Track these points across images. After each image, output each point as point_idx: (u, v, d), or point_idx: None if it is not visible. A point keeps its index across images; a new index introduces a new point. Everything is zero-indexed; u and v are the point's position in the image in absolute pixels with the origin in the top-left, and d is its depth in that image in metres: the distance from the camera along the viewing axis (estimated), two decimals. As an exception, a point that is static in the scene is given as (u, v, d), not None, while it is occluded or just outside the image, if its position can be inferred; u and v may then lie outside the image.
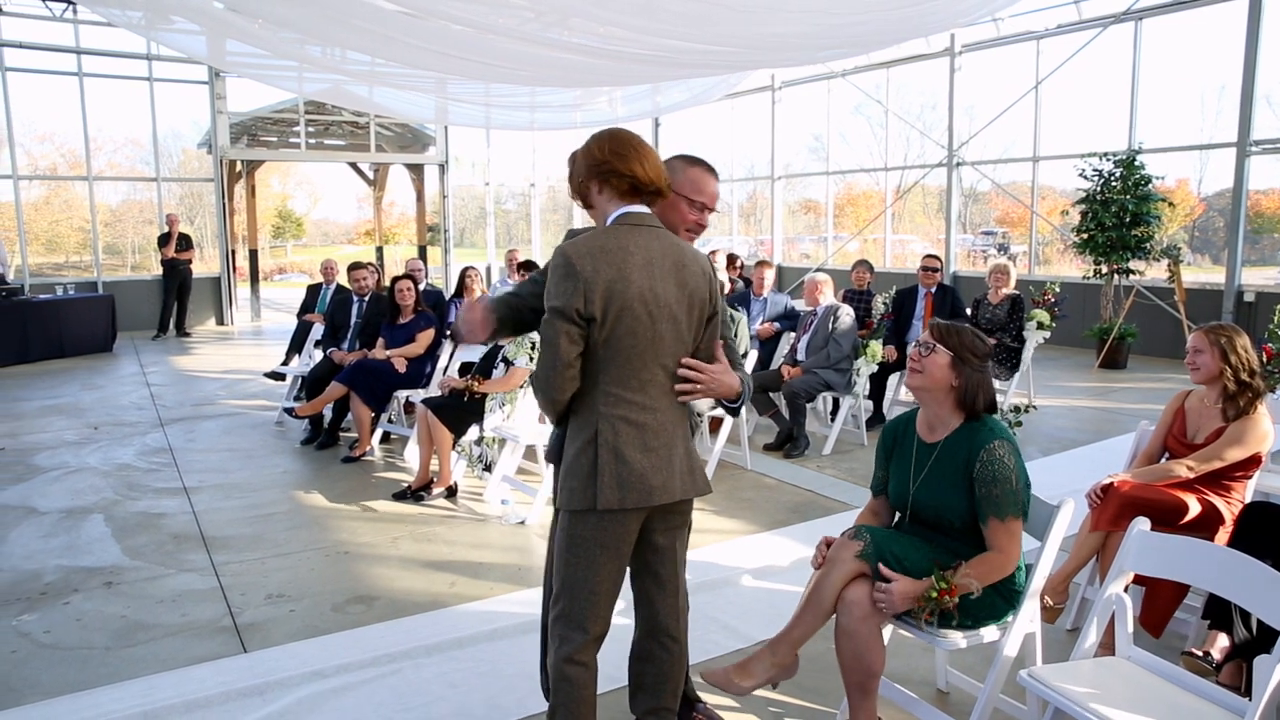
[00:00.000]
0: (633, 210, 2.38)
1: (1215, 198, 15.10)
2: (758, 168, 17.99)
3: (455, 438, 5.55)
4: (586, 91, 12.42)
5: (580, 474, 2.34)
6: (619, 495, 2.31)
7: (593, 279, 2.24)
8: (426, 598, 4.07)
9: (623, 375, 2.32)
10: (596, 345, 2.30)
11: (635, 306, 2.27)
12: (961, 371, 2.73)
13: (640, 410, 2.35)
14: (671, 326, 2.35)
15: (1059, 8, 12.30)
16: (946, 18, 8.39)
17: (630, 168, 2.35)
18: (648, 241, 2.34)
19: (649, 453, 2.36)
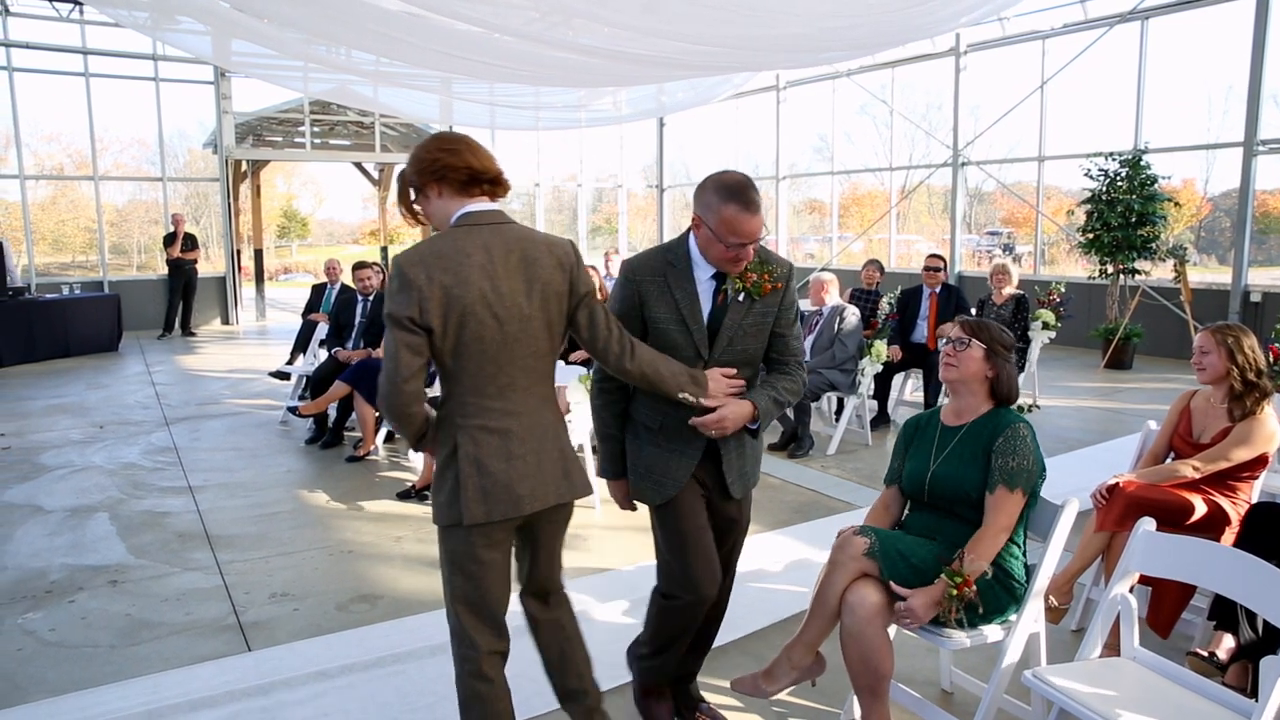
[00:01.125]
0: (473, 209, 2.31)
1: (1222, 198, 15.06)
2: (762, 167, 17.97)
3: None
4: (591, 91, 12.43)
5: (445, 489, 2.28)
6: (484, 508, 2.25)
7: (427, 287, 2.16)
8: (430, 597, 4.06)
9: (477, 383, 2.25)
10: (444, 355, 2.23)
11: (478, 311, 2.20)
12: (995, 363, 2.85)
13: (501, 417, 2.28)
14: (523, 326, 2.28)
15: (1065, 7, 12.28)
16: (951, 17, 8.37)
17: (463, 160, 2.31)
18: (489, 240, 2.26)
19: (513, 460, 2.28)
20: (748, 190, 2.50)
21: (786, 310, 2.72)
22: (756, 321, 2.66)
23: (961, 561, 2.64)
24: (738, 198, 2.47)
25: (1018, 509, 2.72)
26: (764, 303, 2.65)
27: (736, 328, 2.64)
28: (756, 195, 2.51)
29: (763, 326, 2.68)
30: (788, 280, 2.70)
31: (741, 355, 2.68)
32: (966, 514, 2.78)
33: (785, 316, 2.72)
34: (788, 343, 2.76)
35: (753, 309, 2.64)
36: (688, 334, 2.63)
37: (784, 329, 2.73)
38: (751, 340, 2.68)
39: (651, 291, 2.64)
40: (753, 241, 2.51)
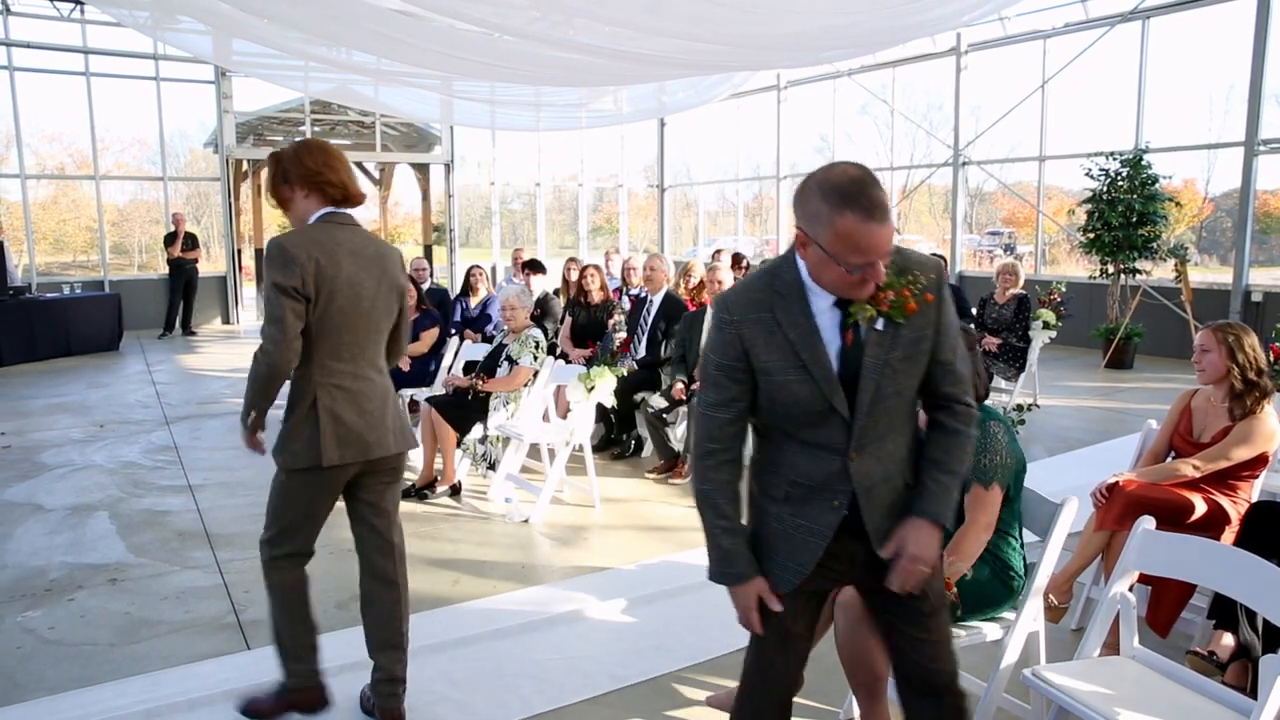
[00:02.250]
0: (334, 211, 2.77)
1: (1223, 198, 15.04)
2: (763, 167, 17.97)
3: (459, 436, 5.55)
4: (592, 91, 12.43)
5: (303, 436, 2.70)
6: (339, 452, 2.72)
7: (308, 264, 2.60)
8: (430, 596, 4.06)
9: (335, 349, 2.70)
10: (311, 324, 2.65)
11: (344, 289, 2.67)
12: None
13: (352, 379, 2.74)
14: (373, 305, 2.77)
15: (1065, 6, 12.27)
16: (952, 15, 8.36)
17: (340, 178, 2.77)
18: (350, 236, 2.74)
19: (364, 414, 2.76)
20: (867, 188, 1.84)
21: (946, 329, 2.03)
22: (908, 352, 1.99)
23: (941, 563, 2.61)
24: (855, 202, 1.83)
25: (996, 504, 2.71)
26: (913, 325, 1.97)
27: (883, 368, 1.97)
28: (880, 193, 1.85)
29: (917, 357, 2.01)
30: (939, 286, 2.01)
31: (895, 406, 2.03)
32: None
33: (946, 338, 2.03)
34: (953, 373, 2.06)
35: (899, 336, 1.96)
36: (813, 385, 1.98)
37: (946, 354, 2.04)
38: (905, 379, 2.02)
39: (756, 334, 1.99)
40: (883, 258, 1.89)
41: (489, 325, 8.02)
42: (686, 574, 4.30)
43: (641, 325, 6.87)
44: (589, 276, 7.34)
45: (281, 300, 2.60)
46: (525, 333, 5.77)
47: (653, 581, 4.22)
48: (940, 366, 2.05)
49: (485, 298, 8.31)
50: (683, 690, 3.28)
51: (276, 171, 2.79)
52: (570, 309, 7.54)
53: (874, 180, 1.87)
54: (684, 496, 5.69)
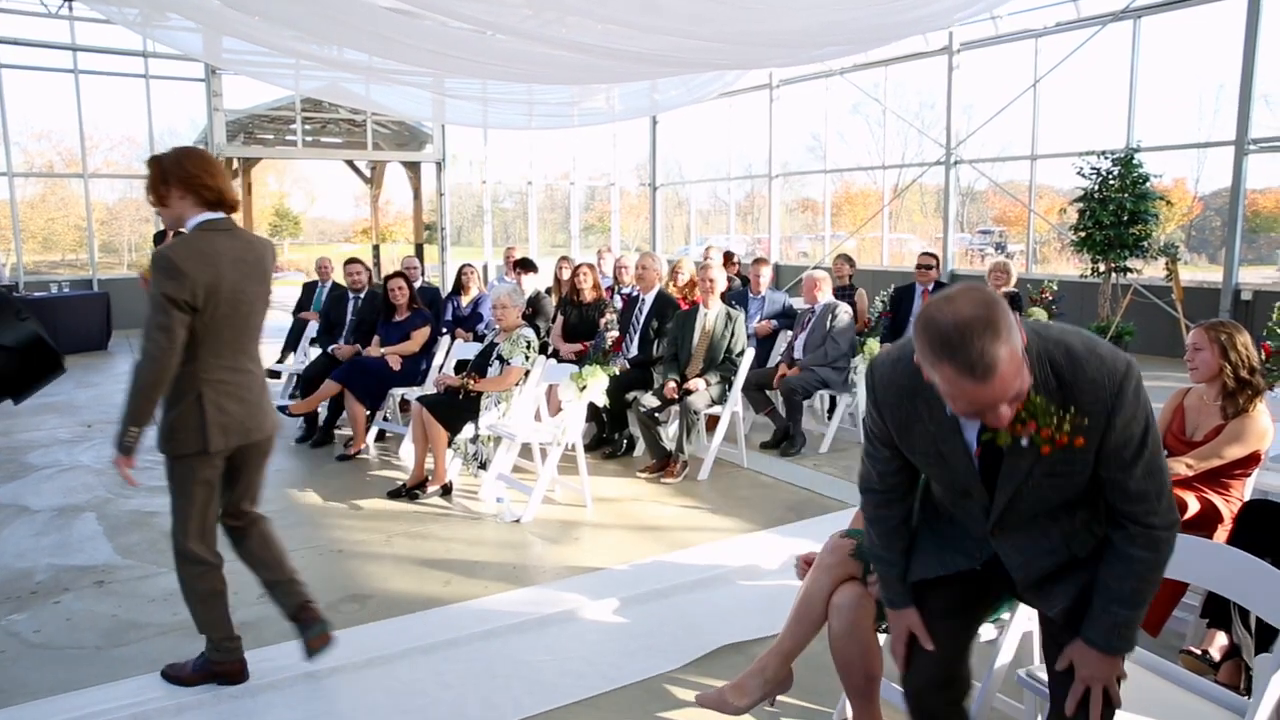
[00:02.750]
0: (212, 217, 2.95)
1: (1212, 197, 15.07)
2: (755, 166, 17.96)
3: (450, 436, 5.52)
4: (584, 89, 12.39)
5: (189, 425, 2.94)
6: (224, 439, 2.98)
7: (197, 276, 2.80)
8: (421, 597, 4.04)
9: (217, 349, 2.93)
10: (200, 328, 2.87)
11: (228, 297, 2.89)
12: None
13: (232, 373, 3.00)
14: (252, 307, 3.02)
15: (1057, 6, 12.29)
16: (944, 13, 8.36)
17: (217, 183, 2.95)
18: (232, 244, 2.95)
19: (244, 403, 3.02)
20: (971, 339, 1.67)
21: (1117, 447, 1.87)
22: (1053, 470, 1.91)
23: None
24: (954, 356, 1.70)
25: None
26: (1065, 449, 1.87)
27: (1024, 478, 1.93)
28: (988, 343, 1.66)
29: (1068, 474, 1.92)
30: (1110, 411, 1.85)
31: (1044, 506, 1.99)
32: None
33: (1115, 456, 1.88)
34: (1125, 491, 1.91)
35: (1042, 457, 1.88)
36: (953, 474, 2.02)
37: (1115, 472, 1.90)
38: (1052, 491, 1.96)
39: (900, 418, 2.03)
40: (992, 409, 1.77)
41: (480, 324, 7.98)
42: (678, 574, 4.28)
43: (633, 324, 6.85)
44: (581, 275, 7.32)
45: (172, 312, 2.81)
46: (517, 332, 5.75)
47: (645, 581, 4.19)
48: (1110, 481, 1.92)
49: (477, 296, 8.27)
50: (675, 691, 3.26)
51: (157, 173, 2.97)
52: (562, 308, 7.51)
53: (986, 325, 1.67)
54: (676, 496, 5.67)
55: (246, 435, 3.05)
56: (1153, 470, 1.90)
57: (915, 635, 2.22)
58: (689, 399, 5.97)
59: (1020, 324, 1.81)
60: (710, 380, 6.10)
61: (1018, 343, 1.73)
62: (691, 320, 6.34)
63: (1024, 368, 1.76)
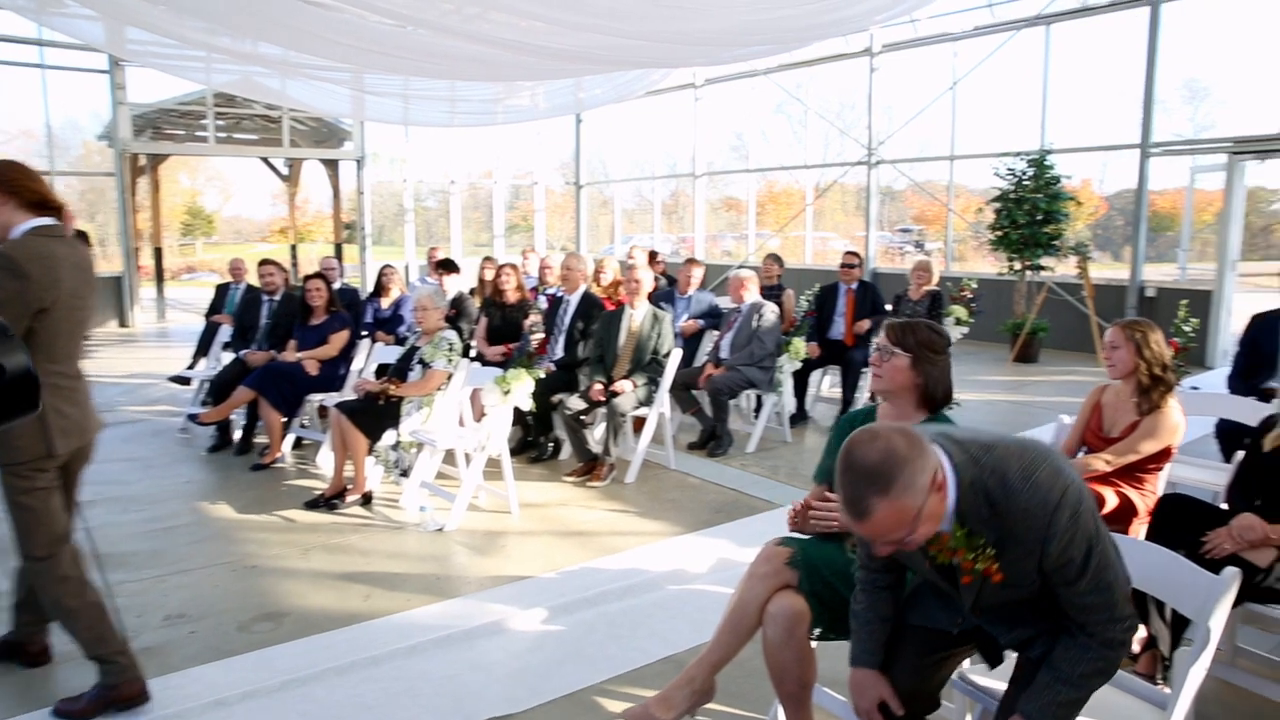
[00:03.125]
0: (46, 223, 2.93)
1: (1115, 197, 15.64)
2: (680, 165, 18.00)
3: (370, 443, 5.35)
4: (508, 86, 12.21)
5: (29, 433, 2.86)
6: (66, 441, 2.97)
7: (40, 279, 2.80)
8: (340, 612, 3.88)
9: (51, 352, 2.91)
10: (40, 331, 2.85)
11: (66, 301, 2.90)
12: (922, 370, 2.71)
13: (68, 378, 3.00)
14: (86, 314, 3.05)
15: (974, 10, 12.57)
16: (865, 14, 8.46)
17: (36, 186, 2.94)
18: (70, 251, 2.96)
19: (78, 406, 3.04)
20: (858, 484, 1.82)
21: (1058, 571, 1.95)
22: (1004, 583, 2.00)
23: None
24: (843, 488, 1.85)
25: None
26: (1008, 566, 1.97)
27: (979, 587, 2.05)
28: (871, 496, 1.80)
29: (1020, 587, 2.01)
30: (1045, 539, 1.91)
31: (1006, 610, 2.14)
32: None
33: (1058, 576, 1.96)
34: (1074, 604, 1.99)
35: (987, 580, 2.01)
36: (921, 570, 2.20)
37: (1063, 588, 1.98)
38: (1008, 595, 2.05)
39: None
40: (895, 542, 1.87)
41: (402, 327, 7.79)
42: (607, 580, 4.21)
43: (558, 325, 6.75)
44: (505, 276, 7.19)
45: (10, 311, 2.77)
46: (439, 334, 5.60)
47: (573, 589, 4.12)
48: (1059, 595, 2.00)
49: (398, 298, 8.07)
50: (604, 703, 3.18)
51: None
52: (485, 309, 7.37)
53: (879, 479, 1.79)
54: (603, 499, 5.60)
55: (83, 436, 3.07)
56: (1100, 587, 1.96)
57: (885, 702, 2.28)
58: (615, 401, 5.90)
59: (952, 455, 1.92)
60: (637, 381, 6.05)
61: (910, 500, 1.80)
62: (617, 321, 6.28)
63: (923, 508, 1.83)
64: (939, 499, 1.87)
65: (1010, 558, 1.95)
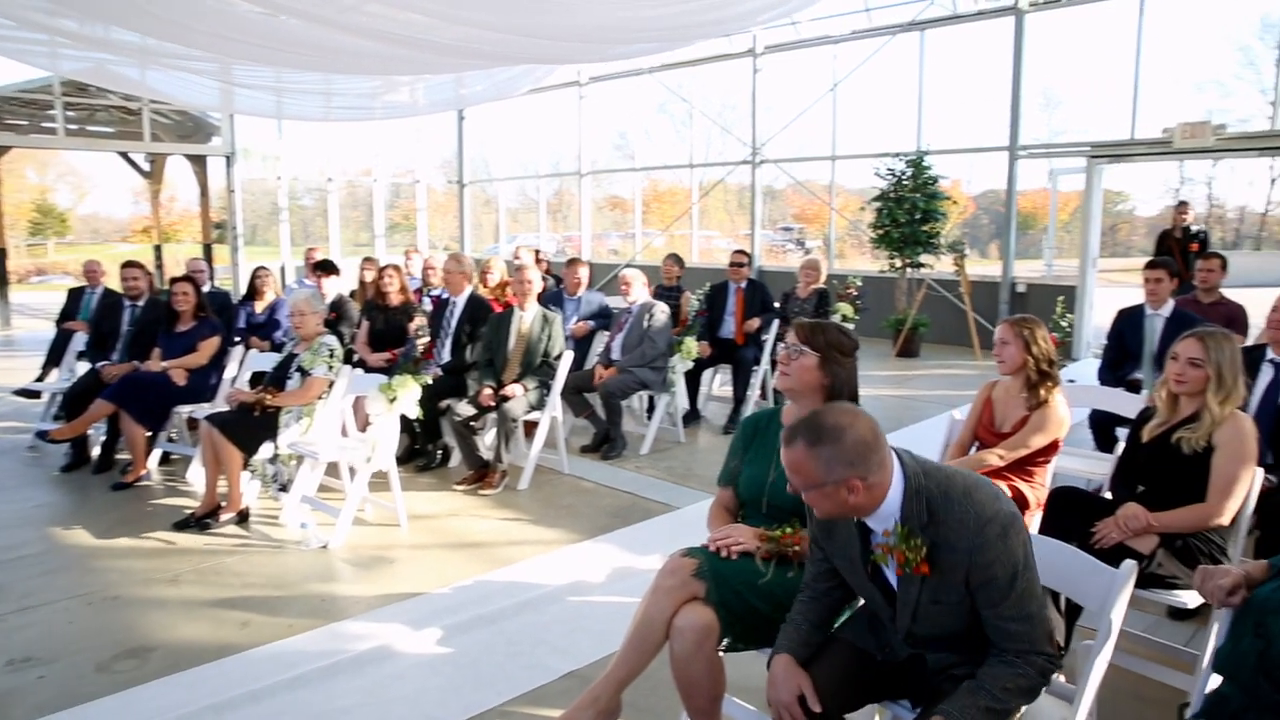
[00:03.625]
0: None
1: (980, 197, 16.35)
2: (564, 164, 17.85)
3: (245, 456, 5.01)
4: (386, 81, 11.80)
5: None
6: None
7: None
8: (213, 644, 3.59)
9: None
10: None
11: None
12: (829, 370, 2.70)
13: None
14: None
15: (852, 14, 12.87)
16: (747, 14, 8.51)
17: None
18: None
19: None
20: (798, 428, 2.05)
21: (982, 588, 2.02)
22: (936, 597, 2.08)
23: (801, 535, 2.60)
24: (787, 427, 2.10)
25: None
26: (940, 580, 2.05)
27: (914, 602, 2.11)
28: (802, 438, 2.02)
29: (950, 604, 2.08)
30: (972, 551, 2.00)
31: (943, 632, 2.14)
32: (806, 525, 2.68)
33: (983, 594, 2.03)
34: (1000, 630, 2.04)
35: (925, 585, 2.07)
36: (862, 585, 2.25)
37: (987, 609, 2.04)
38: (941, 614, 2.11)
39: (826, 522, 2.25)
40: (796, 490, 2.07)
41: (278, 332, 7.38)
42: (503, 594, 4.05)
43: (444, 328, 6.52)
44: (387, 277, 6.89)
45: None
46: (318, 340, 5.31)
47: (468, 605, 3.94)
48: (984, 620, 2.06)
49: (273, 302, 7.65)
50: (506, 727, 3.04)
51: None
52: (367, 312, 7.05)
53: (814, 430, 2.01)
54: (496, 508, 5.42)
55: None
56: (1023, 616, 2.02)
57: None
58: (506, 406, 5.73)
59: (906, 465, 2.07)
60: (528, 385, 5.89)
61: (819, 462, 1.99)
62: (506, 323, 6.10)
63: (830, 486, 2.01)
64: (866, 494, 2.01)
65: (941, 565, 2.03)
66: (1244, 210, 30.67)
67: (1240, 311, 6.33)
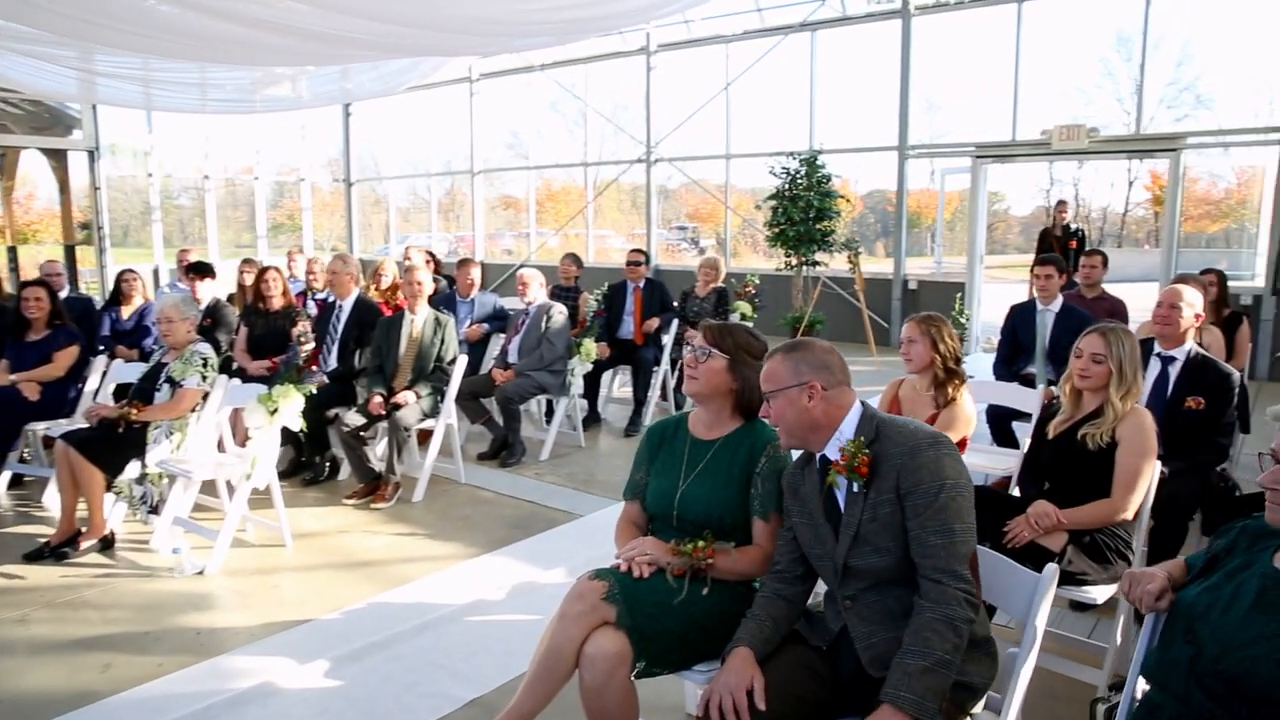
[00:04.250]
0: None
1: (867, 196, 16.70)
2: (455, 162, 17.43)
3: (109, 477, 4.59)
4: (266, 73, 11.21)
5: None
6: None
7: None
8: (69, 692, 3.21)
9: None
10: None
11: None
12: (739, 374, 2.62)
13: None
14: None
15: (745, 14, 12.92)
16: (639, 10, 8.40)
17: None
18: None
19: None
20: (785, 345, 2.38)
21: (913, 495, 2.09)
22: (876, 514, 2.15)
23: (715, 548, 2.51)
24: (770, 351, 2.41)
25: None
26: (878, 489, 2.15)
27: (857, 526, 2.17)
28: (785, 347, 2.35)
29: (889, 525, 2.13)
30: (901, 467, 2.12)
31: (881, 565, 2.16)
32: (720, 536, 2.55)
33: (910, 501, 2.10)
34: (921, 542, 2.08)
35: (868, 500, 2.16)
36: (816, 526, 2.30)
37: (911, 523, 2.10)
38: (884, 540, 2.14)
39: (792, 482, 2.41)
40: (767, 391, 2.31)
41: (148, 340, 6.87)
42: (398, 617, 3.80)
43: (331, 333, 6.17)
44: (268, 280, 6.48)
45: None
46: (190, 349, 4.92)
47: (360, 632, 3.67)
48: (915, 538, 2.11)
49: (141, 307, 7.12)
50: (402, 766, 2.81)
51: None
52: (246, 317, 6.62)
53: (792, 348, 2.32)
54: (389, 522, 5.14)
55: None
56: (943, 530, 2.08)
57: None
58: (398, 414, 5.44)
59: (865, 405, 2.30)
60: (420, 392, 5.61)
61: (791, 375, 2.27)
62: (397, 327, 5.81)
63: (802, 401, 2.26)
64: (826, 405, 2.25)
65: (879, 471, 2.16)
66: (1106, 210, 32.45)
67: (1121, 306, 6.57)
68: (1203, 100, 11.79)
